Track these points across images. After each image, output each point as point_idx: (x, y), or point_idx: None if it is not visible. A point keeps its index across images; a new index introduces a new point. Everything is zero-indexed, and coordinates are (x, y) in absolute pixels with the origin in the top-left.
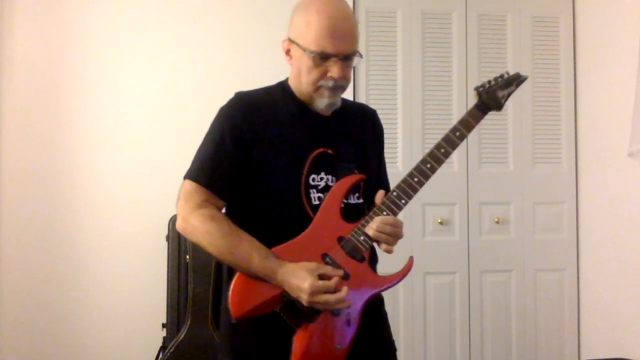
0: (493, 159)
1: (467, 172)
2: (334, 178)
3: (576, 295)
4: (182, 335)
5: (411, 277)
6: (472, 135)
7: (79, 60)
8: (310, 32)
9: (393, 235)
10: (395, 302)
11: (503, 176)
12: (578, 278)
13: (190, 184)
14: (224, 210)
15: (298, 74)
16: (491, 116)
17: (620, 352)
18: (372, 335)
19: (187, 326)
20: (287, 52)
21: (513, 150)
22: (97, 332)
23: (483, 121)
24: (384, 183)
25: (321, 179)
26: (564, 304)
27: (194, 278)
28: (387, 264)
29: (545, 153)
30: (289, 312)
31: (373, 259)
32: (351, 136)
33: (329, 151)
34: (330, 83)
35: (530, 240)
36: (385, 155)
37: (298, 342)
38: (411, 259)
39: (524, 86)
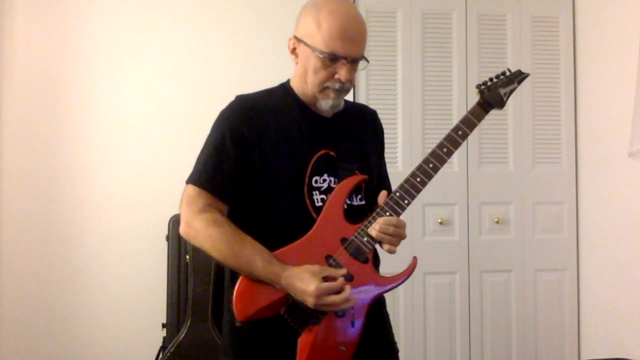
0: (493, 159)
1: (467, 172)
2: (336, 180)
3: (576, 295)
4: (182, 335)
5: (411, 277)
6: (472, 136)
7: (79, 60)
8: (321, 32)
9: (396, 236)
10: (395, 302)
11: (503, 176)
12: (578, 278)
13: (192, 189)
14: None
15: (303, 74)
16: (491, 116)
17: (620, 352)
18: (375, 337)
19: (187, 326)
20: (293, 50)
21: (513, 150)
22: (97, 332)
23: (483, 121)
24: (385, 183)
25: (324, 180)
26: (564, 304)
27: (194, 278)
28: (388, 264)
29: (545, 153)
30: (294, 314)
31: (376, 260)
32: (352, 137)
33: (331, 153)
34: (337, 85)
35: (530, 240)
36: (385, 155)
37: (302, 344)
38: (415, 260)
39: (523, 86)
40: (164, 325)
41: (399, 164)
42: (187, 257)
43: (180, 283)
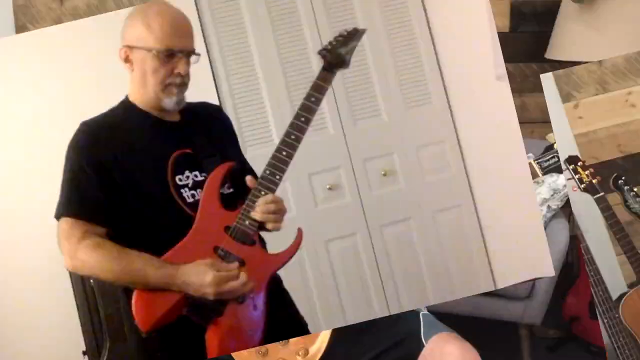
0: (365, 114)
1: (344, 132)
2: (200, 173)
3: (478, 226)
4: (105, 359)
5: (313, 247)
6: (340, 95)
7: None
8: (153, 33)
9: (278, 212)
10: (304, 276)
11: (379, 128)
12: (476, 209)
13: (65, 222)
14: None
15: (142, 78)
16: (353, 72)
17: (533, 271)
18: (280, 314)
19: (107, 349)
20: (126, 59)
21: (383, 100)
22: None
23: (347, 78)
24: (246, 167)
25: (187, 177)
26: (470, 237)
27: (102, 300)
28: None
29: (415, 96)
30: (196, 312)
31: (262, 241)
32: (203, 132)
33: (187, 150)
34: (178, 80)
35: (421, 184)
36: (260, 134)
37: (210, 338)
38: (300, 231)
39: (378, 33)
40: (84, 353)
41: (275, 140)
42: (91, 280)
43: (91, 308)
